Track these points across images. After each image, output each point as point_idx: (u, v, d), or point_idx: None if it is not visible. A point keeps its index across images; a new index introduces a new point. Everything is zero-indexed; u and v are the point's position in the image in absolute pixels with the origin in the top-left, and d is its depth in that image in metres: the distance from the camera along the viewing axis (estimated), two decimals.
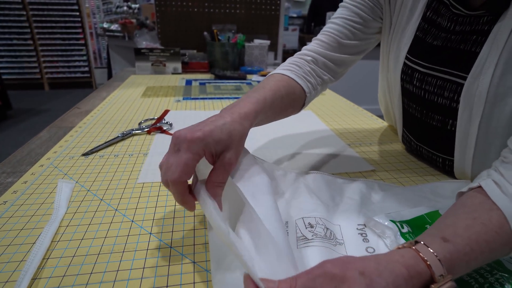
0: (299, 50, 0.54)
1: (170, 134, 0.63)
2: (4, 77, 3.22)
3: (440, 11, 0.45)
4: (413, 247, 0.26)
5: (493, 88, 0.38)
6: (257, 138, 0.63)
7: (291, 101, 0.46)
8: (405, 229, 0.35)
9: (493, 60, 0.38)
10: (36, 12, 3.54)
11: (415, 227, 0.35)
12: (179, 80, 1.18)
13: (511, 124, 0.38)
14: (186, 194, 0.31)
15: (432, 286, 0.24)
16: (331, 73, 0.52)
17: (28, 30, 3.58)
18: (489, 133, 0.41)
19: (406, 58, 0.50)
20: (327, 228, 0.35)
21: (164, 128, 0.66)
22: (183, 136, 0.30)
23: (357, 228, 0.37)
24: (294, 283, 0.23)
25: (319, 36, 0.52)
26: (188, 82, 1.14)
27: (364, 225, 0.37)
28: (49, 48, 3.70)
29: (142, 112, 0.78)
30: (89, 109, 0.81)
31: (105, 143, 0.58)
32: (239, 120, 0.34)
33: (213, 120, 0.33)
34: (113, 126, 0.68)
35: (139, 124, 0.69)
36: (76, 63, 3.83)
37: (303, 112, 0.82)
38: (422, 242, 0.26)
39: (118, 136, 0.61)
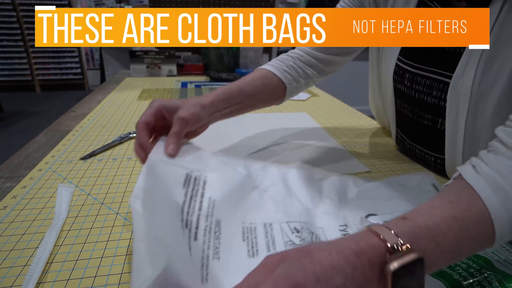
0: None
1: None
2: None
3: None
4: (367, 229, 0.24)
5: (476, 86, 0.40)
6: (253, 141, 0.64)
7: (267, 91, 0.52)
8: None
9: (475, 60, 0.40)
10: (26, 13, 3.50)
11: None
12: (175, 82, 1.18)
13: (495, 120, 0.40)
14: (140, 143, 0.39)
15: (390, 256, 0.22)
16: (317, 71, 0.57)
17: (19, 31, 3.53)
18: (475, 129, 0.42)
19: (398, 59, 0.52)
20: (312, 233, 0.35)
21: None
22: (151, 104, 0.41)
23: (339, 230, 0.37)
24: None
25: None
26: (184, 85, 1.14)
27: (346, 225, 0.38)
28: (41, 49, 3.65)
29: (138, 115, 0.78)
30: (85, 113, 0.81)
31: (103, 146, 0.59)
32: (197, 99, 0.43)
33: (175, 100, 0.43)
34: (110, 129, 0.69)
35: None
36: (68, 65, 3.78)
37: (297, 113, 0.83)
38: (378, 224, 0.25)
39: (116, 140, 0.61)
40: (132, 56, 1.25)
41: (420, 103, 0.49)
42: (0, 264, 0.31)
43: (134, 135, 0.64)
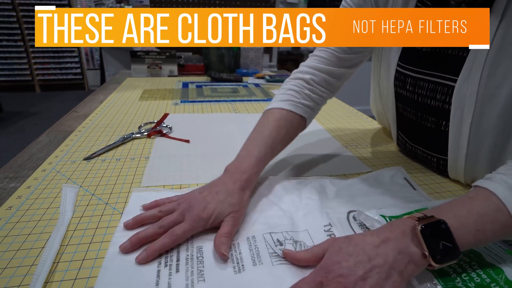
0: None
1: (170, 138, 0.64)
2: None
3: None
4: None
5: (481, 89, 0.41)
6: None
7: (291, 136, 0.50)
8: None
9: (480, 63, 0.40)
10: (26, 13, 3.49)
11: None
12: (176, 82, 1.18)
13: (500, 123, 0.40)
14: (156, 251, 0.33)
15: (417, 222, 0.29)
16: (330, 88, 0.54)
17: (19, 31, 3.52)
18: (480, 132, 0.43)
19: (398, 65, 0.52)
20: (296, 242, 0.35)
21: (164, 132, 0.66)
22: (192, 210, 0.36)
23: (324, 230, 0.37)
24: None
25: (316, 52, 0.53)
26: (185, 85, 1.14)
27: (330, 224, 0.38)
28: (40, 49, 3.65)
29: (140, 116, 0.79)
30: (87, 113, 0.81)
31: (106, 147, 0.59)
32: (241, 190, 0.39)
33: (218, 191, 0.38)
34: (113, 130, 0.69)
35: (139, 127, 0.69)
36: (68, 65, 3.78)
37: None
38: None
39: (118, 140, 0.61)
40: (133, 56, 1.26)
41: (423, 106, 0.49)
42: (7, 264, 0.32)
43: (137, 135, 0.65)
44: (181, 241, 0.35)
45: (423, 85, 0.48)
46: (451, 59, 0.44)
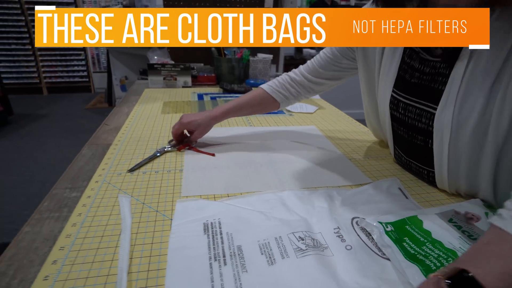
0: (295, 56, 0.75)
1: (199, 151, 0.74)
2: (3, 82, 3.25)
3: (413, 56, 0.58)
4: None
5: (455, 117, 0.50)
6: (268, 155, 0.74)
7: (261, 107, 0.79)
8: (389, 228, 0.46)
9: (453, 96, 0.50)
10: (34, 18, 3.57)
11: (396, 227, 0.47)
12: (191, 94, 1.28)
13: (471, 146, 0.50)
14: (177, 138, 0.76)
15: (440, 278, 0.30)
16: (307, 89, 0.77)
17: (27, 35, 3.61)
18: (457, 150, 0.53)
19: (393, 91, 0.62)
20: (313, 239, 0.45)
21: (192, 145, 0.76)
22: (181, 119, 0.75)
23: (334, 232, 0.47)
24: None
25: (309, 61, 0.77)
26: (200, 97, 1.24)
27: (338, 228, 0.48)
28: (48, 52, 3.73)
29: (167, 129, 0.88)
30: (117, 126, 0.90)
31: (144, 160, 0.68)
32: (209, 120, 0.74)
33: (196, 116, 0.74)
34: (145, 143, 0.78)
35: (169, 142, 0.79)
36: (75, 68, 3.87)
37: (307, 127, 0.93)
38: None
39: (154, 154, 0.71)
40: (150, 68, 1.35)
41: (412, 127, 0.59)
42: (94, 259, 0.41)
43: (169, 148, 0.74)
44: (175, 132, 0.75)
45: (412, 109, 0.58)
46: (433, 91, 0.54)
